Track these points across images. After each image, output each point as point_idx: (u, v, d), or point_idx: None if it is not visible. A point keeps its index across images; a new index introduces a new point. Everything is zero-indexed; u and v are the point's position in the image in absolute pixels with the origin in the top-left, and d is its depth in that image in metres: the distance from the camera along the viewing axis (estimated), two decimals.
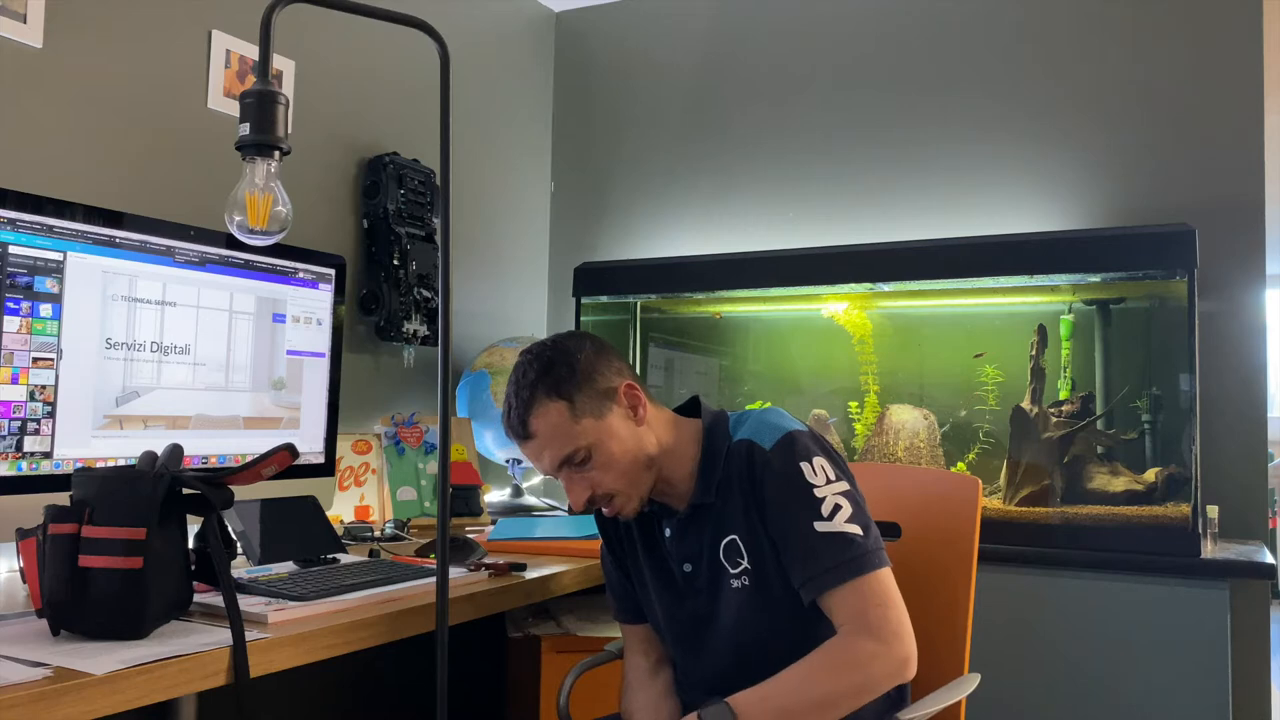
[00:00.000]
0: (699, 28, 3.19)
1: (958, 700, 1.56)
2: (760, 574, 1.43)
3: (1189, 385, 2.25)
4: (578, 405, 1.42)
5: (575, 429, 1.42)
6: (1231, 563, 2.10)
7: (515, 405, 1.44)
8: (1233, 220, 2.47)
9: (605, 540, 1.62)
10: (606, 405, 1.43)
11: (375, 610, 1.47)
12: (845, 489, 1.39)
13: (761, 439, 1.43)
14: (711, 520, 1.47)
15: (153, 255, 1.77)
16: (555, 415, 1.42)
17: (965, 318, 2.73)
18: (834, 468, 1.40)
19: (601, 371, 1.44)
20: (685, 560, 1.49)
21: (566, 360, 1.44)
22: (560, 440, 1.42)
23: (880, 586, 1.34)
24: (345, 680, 2.38)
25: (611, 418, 1.44)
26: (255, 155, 1.38)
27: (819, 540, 1.35)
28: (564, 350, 1.45)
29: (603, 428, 1.43)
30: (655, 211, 3.22)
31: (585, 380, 1.43)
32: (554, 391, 1.42)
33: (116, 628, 1.24)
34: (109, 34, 2.01)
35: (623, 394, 1.44)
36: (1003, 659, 2.21)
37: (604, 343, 1.50)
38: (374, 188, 2.58)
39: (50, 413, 1.61)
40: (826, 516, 1.35)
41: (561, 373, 1.43)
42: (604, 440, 1.43)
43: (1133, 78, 2.61)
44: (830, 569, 1.34)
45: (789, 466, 1.39)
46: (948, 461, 2.60)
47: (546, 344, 1.48)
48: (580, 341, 1.48)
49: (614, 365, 1.47)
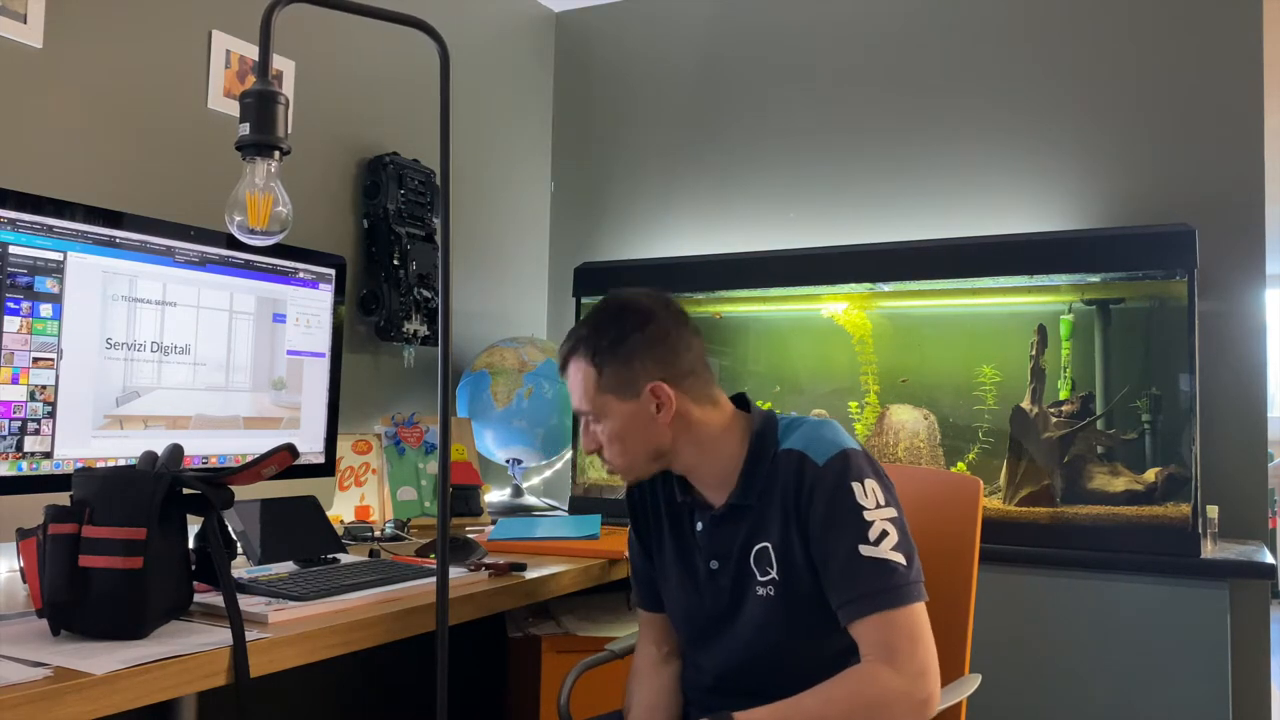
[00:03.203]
0: (699, 28, 3.19)
1: (958, 701, 1.56)
2: (788, 586, 1.41)
3: (1189, 385, 2.25)
4: (605, 378, 1.44)
5: (595, 396, 1.45)
6: (1231, 563, 2.10)
7: (566, 341, 1.49)
8: (1233, 220, 2.47)
9: (634, 525, 1.61)
10: (630, 392, 1.44)
11: (375, 610, 1.47)
12: (894, 515, 1.37)
13: (814, 452, 1.41)
14: (747, 523, 1.45)
15: (153, 255, 1.77)
16: (583, 375, 1.46)
17: (965, 318, 2.73)
18: (885, 492, 1.39)
19: (641, 361, 1.43)
20: (713, 557, 1.48)
21: (619, 332, 1.44)
22: (579, 395, 1.48)
23: (913, 621, 1.31)
24: (345, 680, 2.38)
25: (631, 404, 1.44)
26: (255, 155, 1.38)
27: (862, 564, 1.33)
28: (625, 320, 1.45)
29: (619, 409, 1.44)
30: (655, 211, 3.22)
31: (622, 363, 1.43)
32: (591, 355, 1.45)
33: (116, 628, 1.24)
34: (109, 34, 2.01)
35: (648, 392, 1.43)
36: (1003, 659, 2.21)
37: (670, 328, 1.46)
38: (374, 188, 2.58)
39: (50, 413, 1.61)
40: (873, 541, 1.33)
41: (605, 342, 1.44)
42: (615, 420, 1.45)
43: (1133, 78, 2.61)
44: (867, 595, 1.32)
45: (841, 485, 1.37)
46: (948, 461, 2.60)
47: (622, 303, 1.48)
48: (646, 319, 1.45)
49: (658, 358, 1.44)
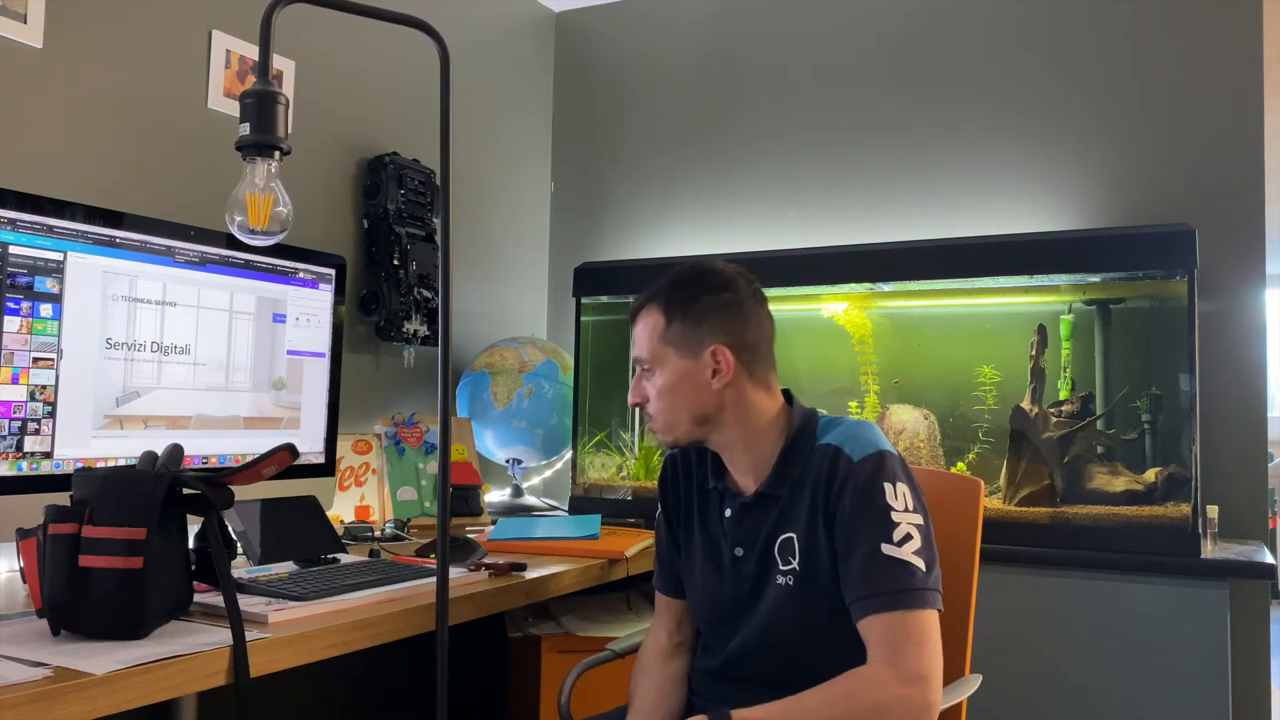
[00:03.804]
0: (699, 28, 3.19)
1: (958, 701, 1.56)
2: (808, 578, 1.42)
3: (1189, 385, 2.25)
4: (671, 330, 1.48)
5: (656, 345, 1.49)
6: (1231, 563, 2.10)
7: (646, 291, 1.53)
8: (1233, 220, 2.47)
9: (663, 506, 1.63)
10: (692, 351, 1.47)
11: (375, 610, 1.47)
12: (920, 522, 1.38)
13: (851, 449, 1.42)
14: (775, 513, 1.47)
15: (153, 255, 1.77)
16: (651, 324, 1.50)
17: (965, 318, 2.73)
18: (915, 498, 1.40)
19: (709, 323, 1.47)
20: (738, 544, 1.50)
21: (695, 291, 1.48)
22: (642, 343, 1.51)
23: (923, 625, 1.32)
24: (345, 680, 2.38)
25: (689, 362, 1.47)
26: (255, 155, 1.38)
27: (882, 562, 1.34)
28: (704, 281, 1.49)
29: (676, 364, 1.48)
30: (655, 211, 3.22)
31: (692, 320, 1.47)
32: (664, 306, 1.49)
33: (117, 628, 1.24)
34: (109, 34, 2.01)
35: (709, 355, 1.46)
36: (1003, 659, 2.21)
37: (745, 299, 1.50)
38: (374, 188, 2.58)
39: (50, 413, 1.61)
40: (896, 542, 1.35)
41: (685, 295, 1.49)
42: (670, 374, 1.48)
43: (1133, 78, 2.61)
44: (882, 593, 1.33)
45: (873, 483, 1.38)
46: (948, 461, 2.59)
47: (705, 267, 1.52)
48: (724, 286, 1.49)
49: (726, 323, 1.47)
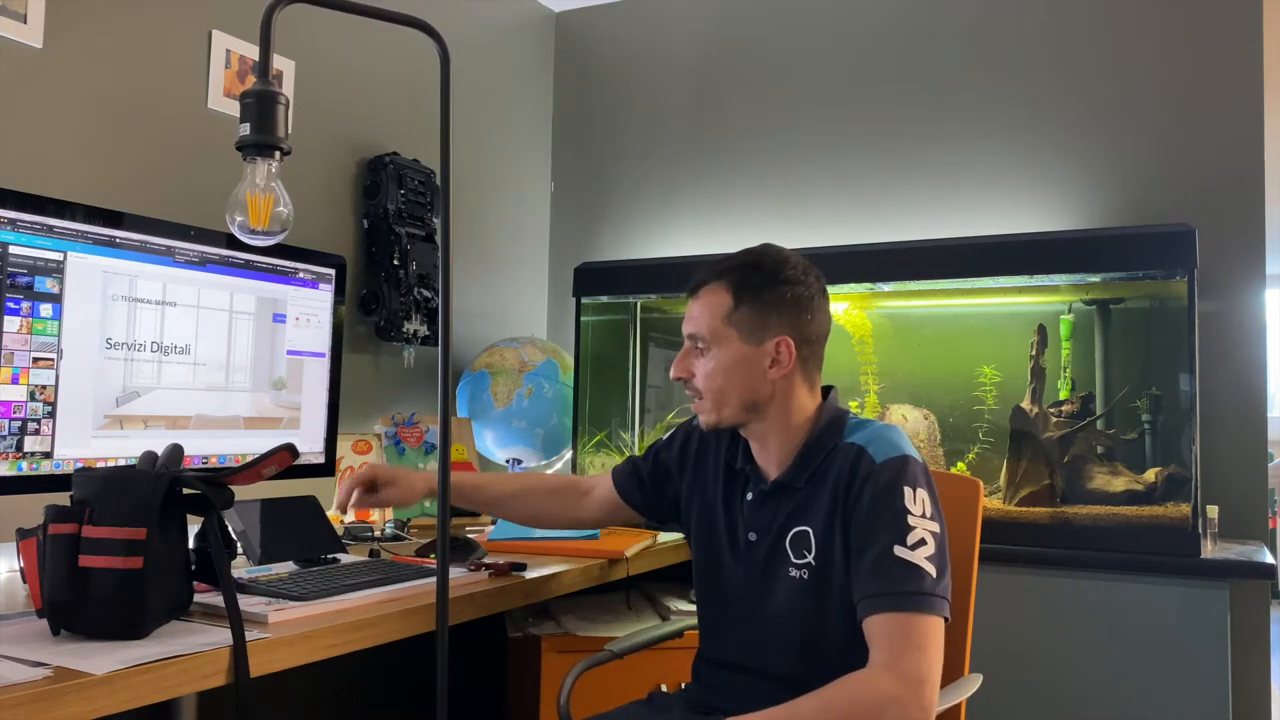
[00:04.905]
0: (699, 28, 3.19)
1: (958, 702, 1.56)
2: (821, 574, 1.43)
3: (1189, 385, 2.25)
4: (738, 313, 1.46)
5: (719, 325, 1.47)
6: (1231, 563, 2.10)
7: (708, 268, 1.51)
8: (1233, 220, 2.47)
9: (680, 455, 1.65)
10: (756, 338, 1.46)
11: (375, 610, 1.47)
12: (936, 529, 1.38)
13: (875, 450, 1.43)
14: (791, 504, 1.48)
15: (153, 255, 1.77)
16: (716, 301, 1.48)
17: (965, 318, 2.73)
18: (933, 506, 1.40)
19: (779, 314, 1.46)
20: (752, 529, 1.51)
21: (772, 278, 1.47)
22: (702, 319, 1.48)
23: (926, 630, 1.31)
24: (345, 680, 2.38)
25: (750, 348, 1.46)
26: (256, 155, 1.38)
27: (892, 563, 1.34)
28: (781, 271, 1.48)
29: (736, 348, 1.47)
30: (655, 211, 3.22)
31: (762, 307, 1.46)
32: (735, 286, 1.47)
33: (116, 628, 1.24)
34: (109, 34, 2.01)
35: (772, 345, 1.46)
36: (1003, 659, 2.20)
37: (816, 297, 1.50)
38: (374, 188, 2.58)
39: (50, 413, 1.61)
40: (910, 545, 1.34)
41: (758, 280, 1.47)
42: (727, 356, 1.47)
43: (1133, 78, 2.61)
44: (889, 593, 1.33)
45: (893, 485, 1.39)
46: (948, 461, 2.60)
47: (783, 256, 1.50)
48: (800, 279, 1.48)
49: (795, 316, 1.47)
